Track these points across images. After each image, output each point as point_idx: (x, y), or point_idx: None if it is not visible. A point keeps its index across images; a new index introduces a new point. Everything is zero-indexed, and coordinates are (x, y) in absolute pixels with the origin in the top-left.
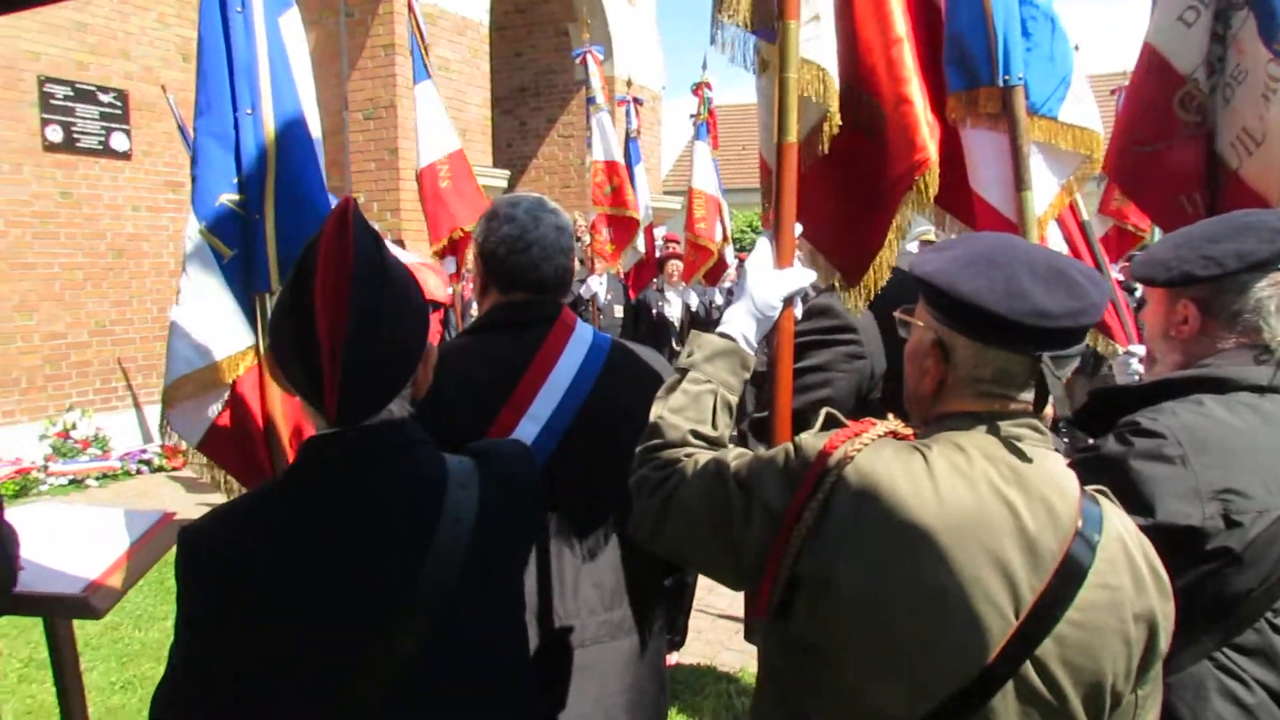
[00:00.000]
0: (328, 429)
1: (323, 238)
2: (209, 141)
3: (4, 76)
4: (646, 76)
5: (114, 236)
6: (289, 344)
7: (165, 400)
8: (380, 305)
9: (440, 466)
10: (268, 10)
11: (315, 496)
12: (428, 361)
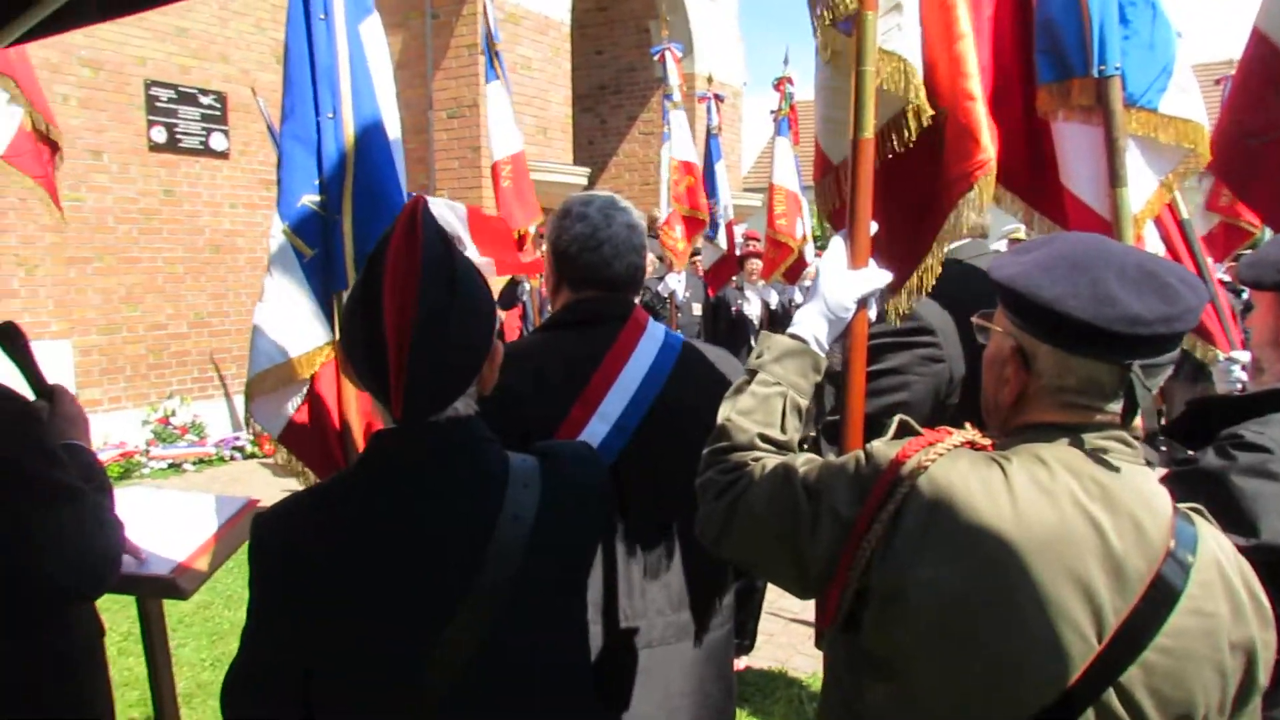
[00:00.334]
0: (394, 424)
1: (393, 236)
2: (293, 145)
3: (114, 81)
4: (727, 73)
5: (212, 232)
6: (358, 340)
7: (248, 393)
8: (447, 303)
9: (503, 465)
10: (349, 18)
11: (379, 490)
12: (494, 360)
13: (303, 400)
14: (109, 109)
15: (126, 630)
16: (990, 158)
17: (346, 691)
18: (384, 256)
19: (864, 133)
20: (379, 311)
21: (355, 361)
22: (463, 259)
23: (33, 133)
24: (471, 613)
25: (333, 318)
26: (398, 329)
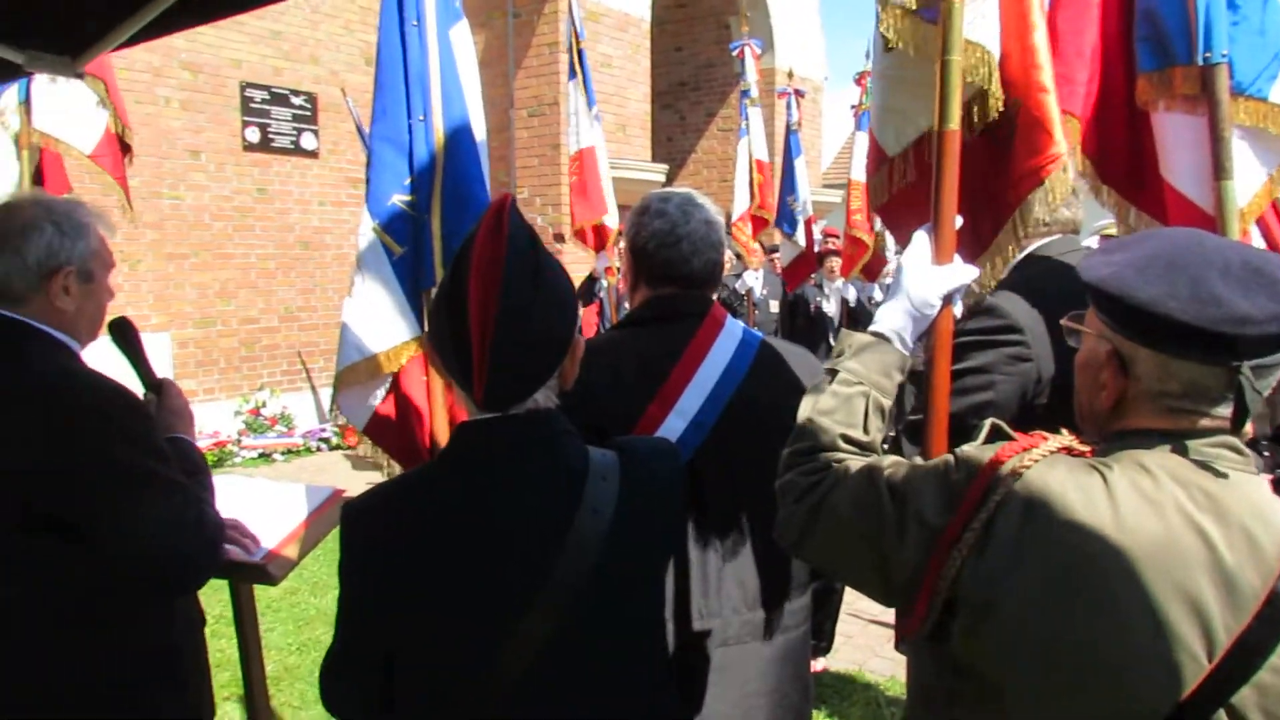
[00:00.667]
0: (478, 416)
1: (480, 230)
2: (383, 146)
3: (212, 83)
4: (808, 68)
5: (301, 229)
6: (445, 329)
7: (335, 385)
8: (530, 296)
9: (583, 458)
10: (440, 23)
11: (460, 481)
12: (575, 354)
13: (387, 394)
14: (207, 110)
15: (219, 614)
16: (1063, 152)
17: (424, 678)
18: (471, 250)
19: (949, 124)
20: (465, 302)
21: (442, 351)
22: (546, 254)
23: (115, 136)
24: (547, 605)
25: (421, 314)
26: (482, 318)
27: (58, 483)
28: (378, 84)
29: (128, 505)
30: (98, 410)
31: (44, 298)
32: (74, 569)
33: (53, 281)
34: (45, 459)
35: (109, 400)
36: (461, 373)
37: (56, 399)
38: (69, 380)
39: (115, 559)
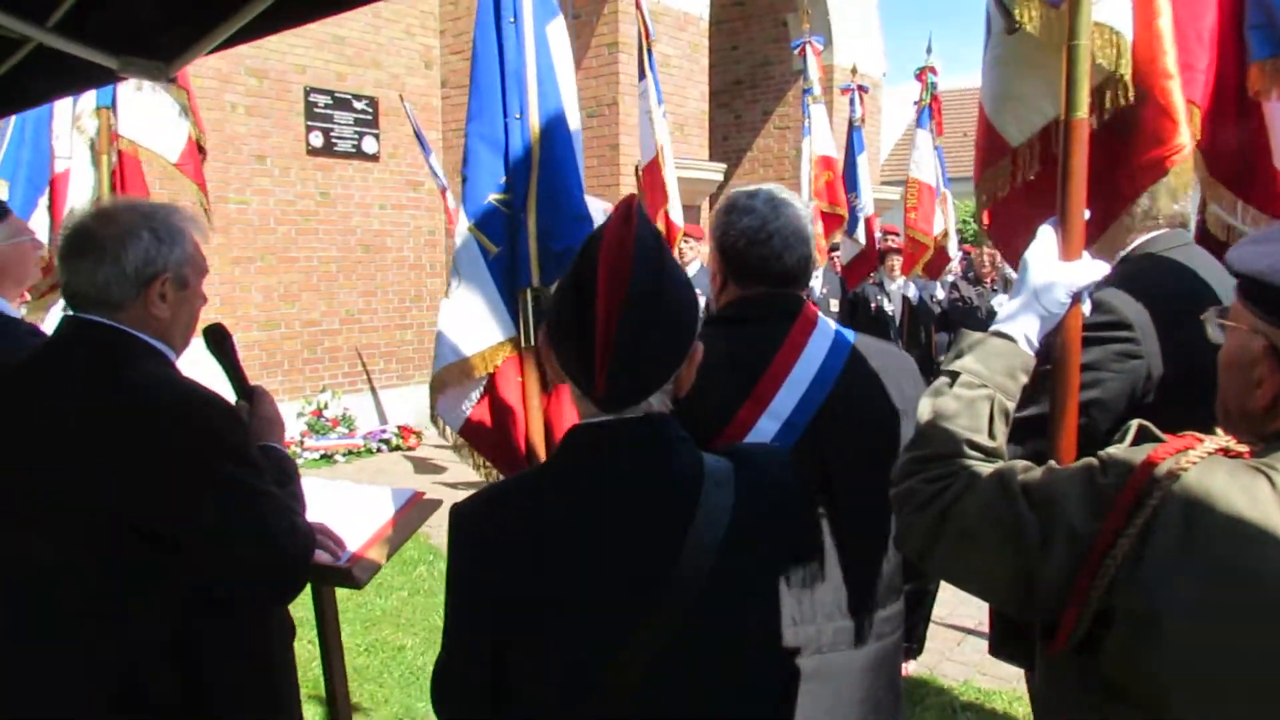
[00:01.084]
0: (593, 418)
1: (608, 227)
2: (479, 144)
3: (277, 89)
4: (867, 64)
5: (363, 232)
6: (567, 325)
7: (432, 387)
8: (655, 293)
9: (698, 464)
10: (536, 20)
11: (577, 484)
12: (693, 361)
13: (482, 396)
14: (272, 115)
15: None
16: (1187, 143)
17: (538, 685)
18: (598, 244)
19: (1077, 112)
20: (591, 298)
21: (562, 347)
22: (671, 257)
23: (194, 142)
24: (663, 612)
25: (516, 314)
26: (608, 310)
27: (153, 493)
28: (473, 82)
29: (221, 516)
30: (194, 419)
31: (141, 305)
32: (170, 580)
33: (150, 289)
34: (141, 468)
35: (205, 409)
36: (583, 370)
37: (153, 408)
38: (166, 389)
39: (209, 571)
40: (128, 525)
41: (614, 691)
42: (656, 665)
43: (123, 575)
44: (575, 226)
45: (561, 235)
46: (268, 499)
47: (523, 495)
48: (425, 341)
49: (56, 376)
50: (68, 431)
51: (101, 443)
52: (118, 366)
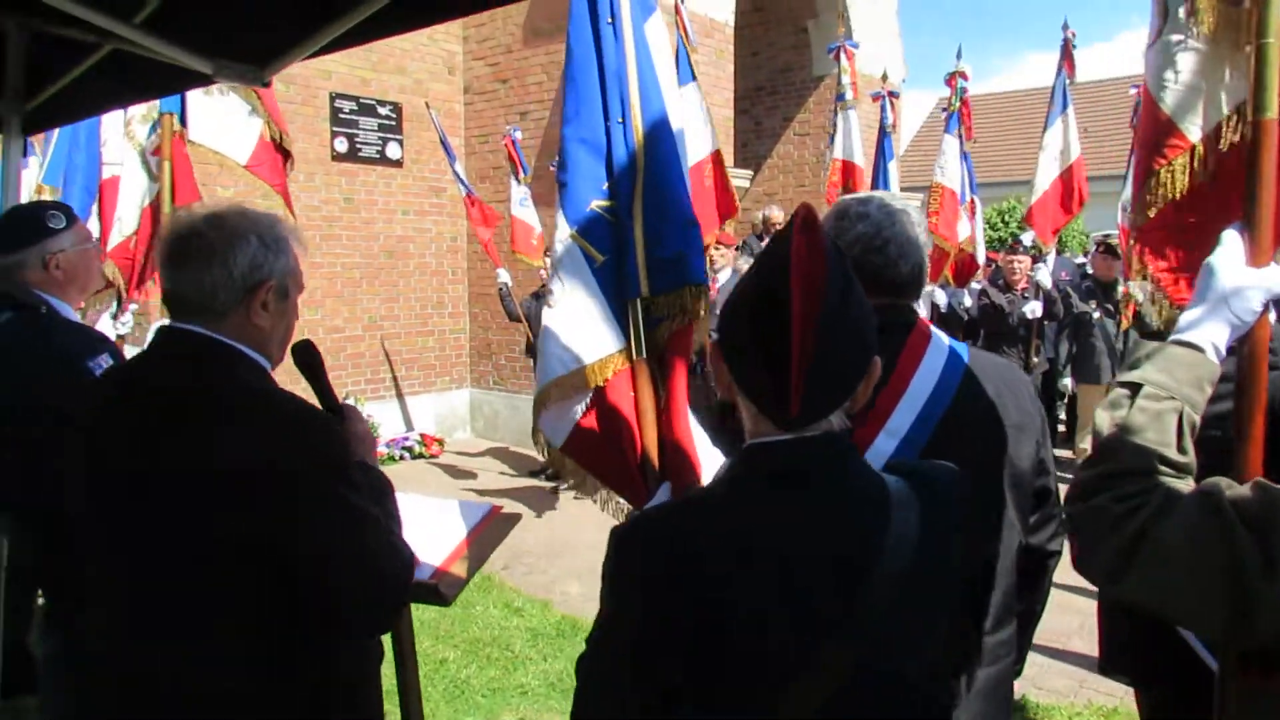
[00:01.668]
0: (770, 436)
1: (794, 238)
2: (578, 148)
3: (302, 94)
4: (890, 70)
5: (385, 239)
6: (753, 337)
7: (539, 401)
8: (847, 306)
9: (883, 485)
10: (635, 19)
11: (760, 505)
12: (871, 377)
13: (588, 409)
14: (298, 120)
15: None
16: None
17: (713, 703)
18: (786, 258)
19: (1266, 113)
20: (785, 308)
21: (746, 360)
22: (850, 270)
23: (270, 143)
24: (849, 634)
25: (626, 325)
26: (804, 325)
27: (258, 512)
28: (569, 82)
29: (326, 538)
30: (300, 435)
31: (243, 313)
32: (272, 601)
33: (255, 296)
34: (246, 487)
35: (311, 424)
36: (774, 387)
37: (259, 423)
38: (272, 403)
39: (309, 594)
40: (230, 545)
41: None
42: (842, 692)
43: (227, 594)
44: (685, 233)
45: (670, 242)
46: (368, 519)
47: (698, 517)
48: (446, 348)
49: (158, 390)
50: (172, 447)
51: (206, 459)
52: (220, 380)
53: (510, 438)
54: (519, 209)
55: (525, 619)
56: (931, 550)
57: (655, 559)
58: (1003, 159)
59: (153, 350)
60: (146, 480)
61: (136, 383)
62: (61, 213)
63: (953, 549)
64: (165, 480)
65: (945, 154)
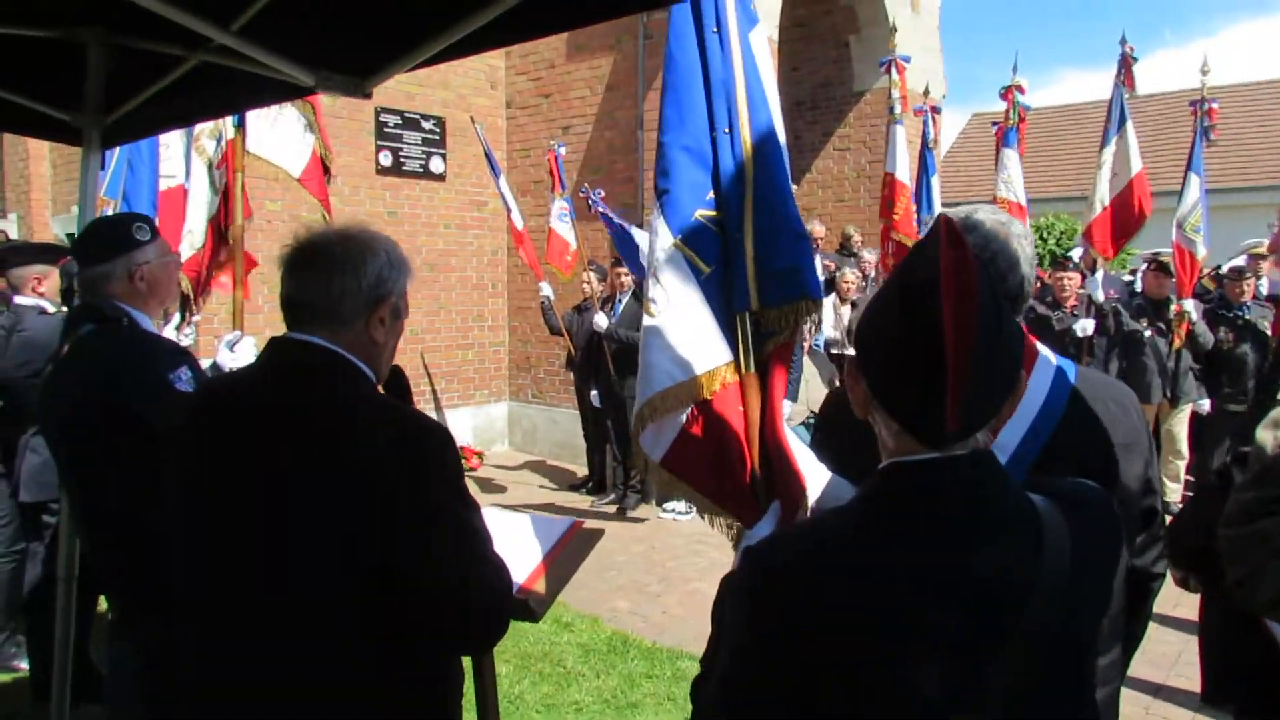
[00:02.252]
0: (912, 455)
1: (940, 248)
2: (681, 156)
3: (348, 108)
4: (930, 86)
5: (428, 252)
6: (897, 355)
7: (644, 415)
8: (999, 319)
9: (1033, 508)
10: (740, 28)
11: (911, 530)
12: (1017, 394)
13: (691, 423)
14: (343, 134)
15: None
16: None
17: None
18: (933, 267)
19: None
20: (936, 323)
21: (890, 375)
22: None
23: (318, 158)
24: (1003, 667)
25: (735, 338)
26: (959, 340)
27: (378, 527)
28: (670, 90)
29: (440, 554)
30: (422, 449)
31: (363, 326)
32: (379, 617)
33: (377, 310)
34: (367, 501)
35: (432, 438)
36: (927, 405)
37: (384, 436)
38: (397, 415)
39: (422, 609)
40: (348, 560)
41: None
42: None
43: (328, 612)
44: (796, 245)
45: (782, 254)
46: (479, 536)
47: (840, 543)
48: (486, 361)
49: (278, 402)
50: (294, 458)
51: (332, 471)
52: (343, 392)
53: (548, 451)
54: (557, 223)
55: (575, 634)
56: (1087, 579)
57: (794, 596)
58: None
59: (269, 361)
60: (262, 491)
61: (254, 394)
62: (146, 225)
63: (1113, 577)
64: (284, 491)
65: (1008, 168)
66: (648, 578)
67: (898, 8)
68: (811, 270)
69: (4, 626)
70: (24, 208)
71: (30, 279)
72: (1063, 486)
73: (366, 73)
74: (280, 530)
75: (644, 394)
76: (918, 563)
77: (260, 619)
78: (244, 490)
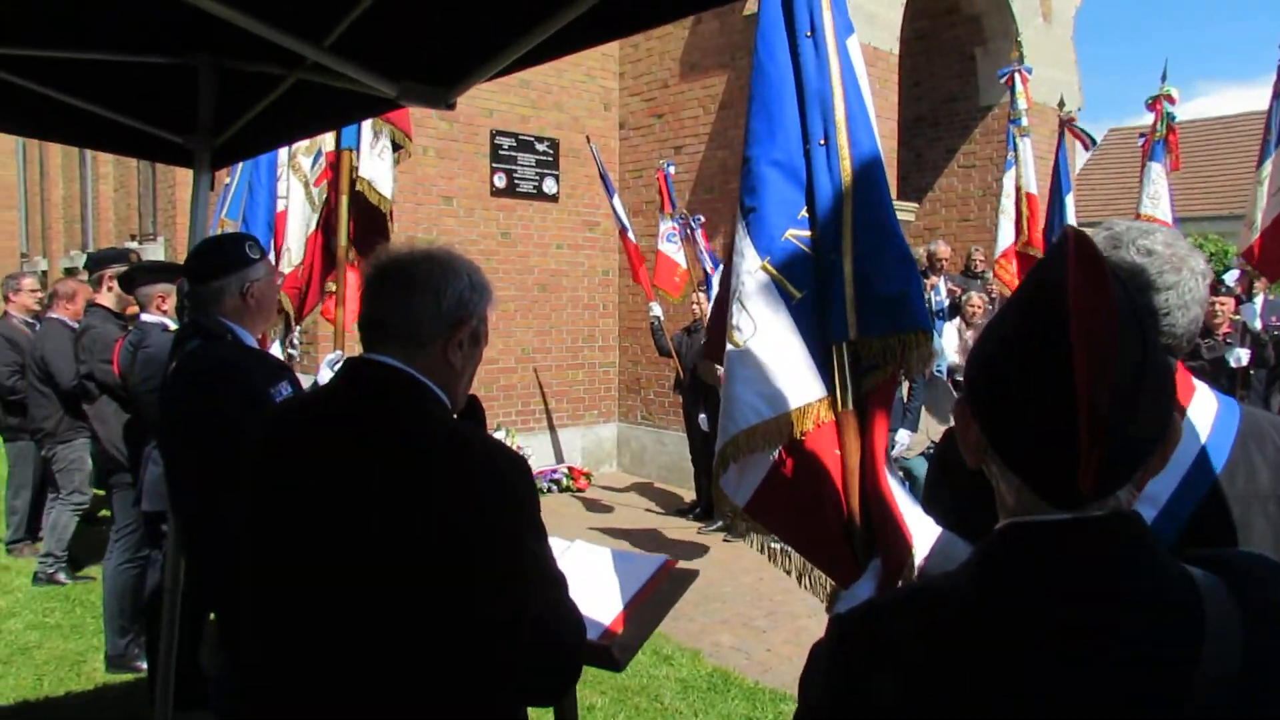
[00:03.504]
0: (1038, 515)
1: (1069, 267)
2: (771, 171)
3: (465, 132)
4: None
5: (540, 272)
6: (1019, 396)
7: (728, 454)
8: (1146, 353)
9: (1190, 581)
10: (839, 33)
11: (1026, 603)
12: (1170, 441)
13: (781, 463)
14: (460, 158)
15: None
16: None
17: None
18: (1059, 291)
19: None
20: (1064, 356)
21: (1010, 420)
22: (1141, 308)
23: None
24: None
25: (831, 371)
26: (1094, 379)
27: (447, 558)
28: (759, 101)
29: (511, 591)
30: (501, 484)
31: (441, 348)
32: (445, 655)
33: (456, 333)
34: (437, 529)
35: (512, 473)
36: (1051, 455)
37: (459, 467)
38: (471, 446)
39: (491, 650)
40: (407, 592)
41: None
42: None
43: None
44: (902, 269)
45: (886, 279)
46: (556, 582)
47: (958, 618)
48: (596, 381)
49: (347, 424)
50: (356, 483)
51: (395, 499)
52: (414, 418)
53: (656, 474)
54: (664, 244)
55: (675, 668)
56: (1262, 669)
57: (893, 679)
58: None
59: (342, 381)
60: (327, 516)
61: (325, 415)
62: (255, 244)
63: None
64: (347, 517)
65: (1154, 183)
66: (754, 611)
67: (1028, 18)
68: (920, 297)
69: (129, 629)
70: (170, 232)
71: (155, 297)
72: (1231, 558)
73: (449, 83)
74: (341, 559)
75: (727, 431)
76: (1043, 647)
77: (319, 647)
78: (308, 514)
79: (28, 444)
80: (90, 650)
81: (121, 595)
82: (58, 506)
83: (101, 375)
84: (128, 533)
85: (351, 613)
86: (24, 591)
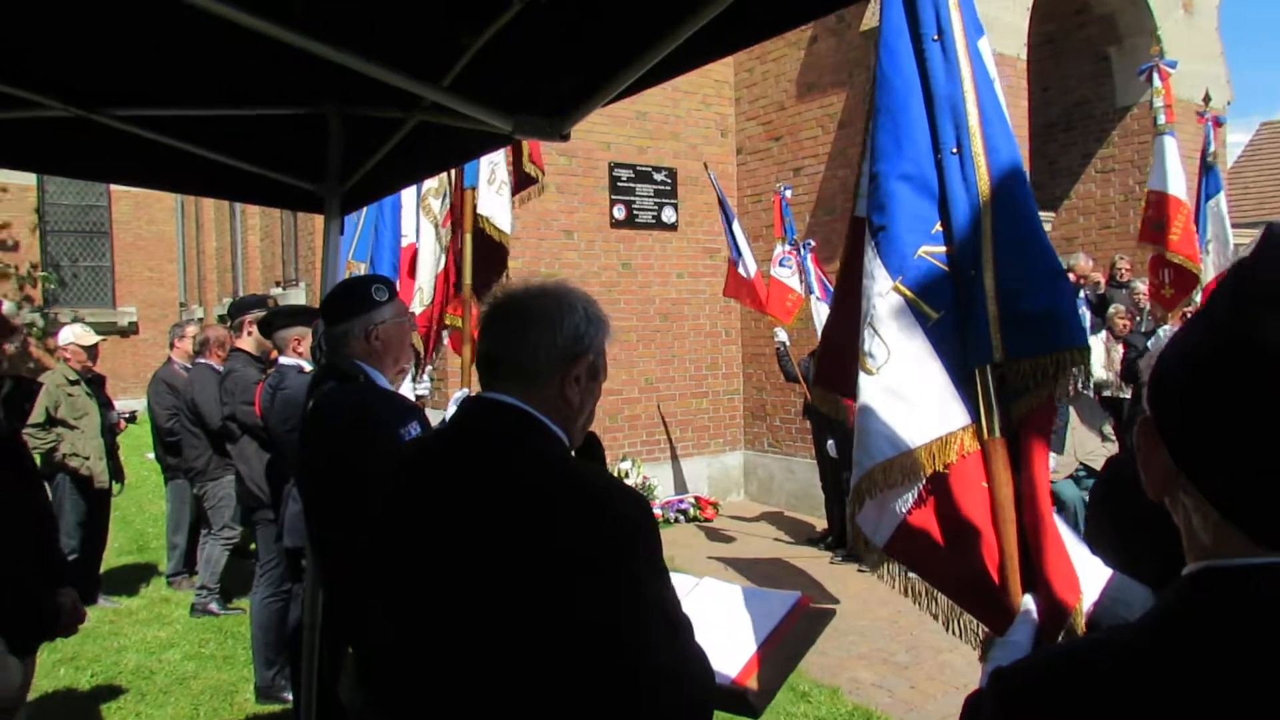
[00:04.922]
0: (1238, 559)
1: None
2: (899, 186)
3: (583, 166)
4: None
5: (661, 301)
6: (1220, 418)
7: (863, 489)
8: None
9: None
10: (969, 34)
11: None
12: None
13: (923, 499)
14: (579, 192)
15: None
16: None
17: None
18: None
19: None
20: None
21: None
22: None
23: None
24: None
25: (975, 396)
26: None
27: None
28: (884, 112)
29: (633, 635)
30: (625, 528)
31: (557, 384)
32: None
33: (573, 367)
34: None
35: (637, 515)
36: (1264, 487)
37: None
38: (593, 488)
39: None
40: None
41: None
42: None
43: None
44: (1051, 283)
45: (1033, 294)
46: (683, 628)
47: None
48: (720, 409)
49: (465, 462)
50: (472, 525)
51: (516, 541)
52: (528, 454)
53: (785, 502)
54: (777, 269)
55: (813, 706)
56: None
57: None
58: None
59: (461, 420)
60: (448, 557)
61: (442, 456)
62: (385, 286)
63: None
64: (465, 559)
65: None
66: (893, 646)
67: (1167, 11)
68: (1073, 312)
69: (274, 661)
70: (310, 276)
71: (292, 340)
72: None
73: (562, 114)
74: (462, 599)
75: (862, 465)
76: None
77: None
78: (430, 555)
79: (184, 482)
80: (241, 681)
81: (267, 628)
82: (210, 541)
83: (243, 417)
84: (271, 568)
85: (472, 661)
86: (183, 623)
